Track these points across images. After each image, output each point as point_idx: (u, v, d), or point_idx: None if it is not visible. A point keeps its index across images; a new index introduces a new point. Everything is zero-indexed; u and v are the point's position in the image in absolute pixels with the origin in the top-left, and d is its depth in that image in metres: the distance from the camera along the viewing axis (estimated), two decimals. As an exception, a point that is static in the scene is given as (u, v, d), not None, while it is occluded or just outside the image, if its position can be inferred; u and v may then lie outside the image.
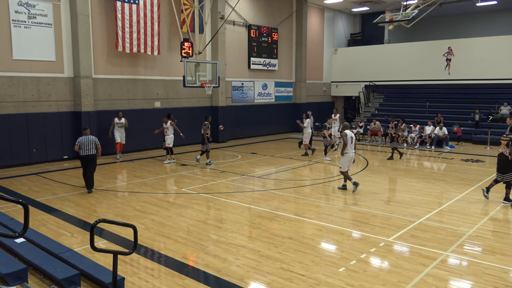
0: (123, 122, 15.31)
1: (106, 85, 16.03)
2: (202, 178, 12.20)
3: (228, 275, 5.74)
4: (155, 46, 16.73)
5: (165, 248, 6.78)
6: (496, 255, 6.41)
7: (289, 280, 5.57)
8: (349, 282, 5.50)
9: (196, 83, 14.91)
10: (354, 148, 10.33)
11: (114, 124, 15.25)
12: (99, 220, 3.99)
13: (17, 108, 13.83)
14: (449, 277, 5.68)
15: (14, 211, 8.59)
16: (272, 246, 6.79)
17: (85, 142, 10.15)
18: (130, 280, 5.56)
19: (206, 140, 13.77)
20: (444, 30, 27.54)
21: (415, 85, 25.10)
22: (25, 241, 6.31)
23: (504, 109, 20.22)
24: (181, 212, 8.82)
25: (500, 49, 22.21)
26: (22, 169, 13.43)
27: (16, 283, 5.01)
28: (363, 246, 6.79)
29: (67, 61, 14.87)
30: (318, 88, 27.32)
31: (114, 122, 15.24)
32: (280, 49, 23.58)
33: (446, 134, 18.08)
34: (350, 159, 10.32)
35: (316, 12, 26.27)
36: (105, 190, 10.76)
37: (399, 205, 9.26)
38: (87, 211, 8.90)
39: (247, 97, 22.21)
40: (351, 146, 10.22)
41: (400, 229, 7.60)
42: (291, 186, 11.20)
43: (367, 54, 26.79)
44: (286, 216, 8.48)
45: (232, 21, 20.66)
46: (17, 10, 13.45)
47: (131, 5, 15.80)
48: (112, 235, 7.30)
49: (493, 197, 9.91)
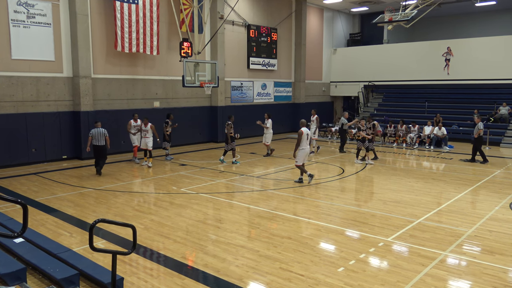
0: (139, 125, 14.26)
1: (105, 85, 16.02)
2: (201, 178, 12.20)
3: (227, 275, 5.74)
4: (154, 46, 16.72)
5: (164, 248, 6.77)
6: (495, 255, 6.41)
7: (288, 280, 5.57)
8: (348, 282, 5.50)
9: (195, 83, 14.91)
10: (309, 144, 11.33)
11: (131, 127, 14.36)
12: (98, 220, 3.99)
13: (16, 108, 13.81)
14: (448, 277, 5.68)
15: (13, 211, 8.58)
16: (271, 246, 6.79)
17: (96, 133, 12.10)
18: (129, 280, 5.55)
19: (229, 140, 14.08)
20: (443, 30, 27.57)
21: (414, 85, 25.12)
22: (24, 241, 6.31)
23: (503, 109, 20.25)
24: (180, 212, 8.82)
25: (499, 49, 22.24)
26: (21, 169, 13.42)
27: (15, 283, 5.01)
28: (362, 246, 6.80)
29: (66, 61, 14.86)
30: (317, 88, 27.33)
31: (131, 125, 14.38)
32: (279, 49, 23.58)
33: (445, 134, 18.10)
34: (305, 154, 11.22)
35: (315, 12, 26.28)
36: (104, 190, 10.76)
37: (398, 205, 9.27)
38: (86, 211, 8.89)
39: (246, 97, 22.22)
40: (306, 142, 11.10)
41: (399, 229, 7.60)
42: (290, 186, 11.20)
43: (366, 54, 26.81)
44: (285, 216, 8.48)
45: (231, 21, 20.65)
46: (16, 10, 13.44)
47: (130, 5, 15.79)
48: (111, 235, 7.30)
49: (492, 197, 9.92)
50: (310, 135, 11.27)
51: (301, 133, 10.94)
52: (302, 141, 10.97)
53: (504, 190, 10.56)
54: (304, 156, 11.19)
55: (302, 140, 10.95)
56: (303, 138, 10.96)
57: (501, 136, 19.13)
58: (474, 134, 14.54)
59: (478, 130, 14.41)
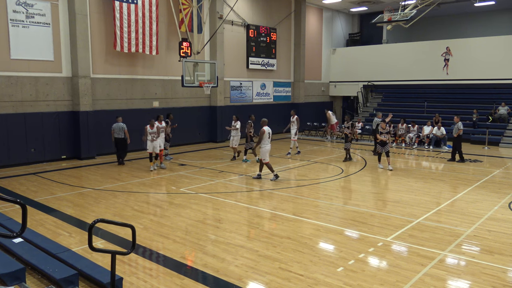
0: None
1: (104, 85, 16.01)
2: (200, 178, 12.19)
3: (226, 275, 5.74)
4: (153, 46, 16.71)
5: (163, 248, 6.77)
6: (494, 254, 6.42)
7: (287, 280, 5.57)
8: (347, 282, 5.50)
9: (195, 83, 14.90)
10: (270, 142, 11.84)
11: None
12: (97, 220, 3.98)
13: (15, 108, 13.79)
14: (447, 276, 5.69)
15: (12, 211, 8.57)
16: (270, 246, 6.79)
17: (116, 128, 13.80)
18: (128, 280, 5.55)
19: (249, 138, 14.37)
20: (442, 30, 27.59)
21: (413, 85, 25.14)
22: (23, 241, 6.31)
23: (502, 109, 20.26)
24: (179, 212, 8.82)
25: (498, 49, 22.26)
26: (20, 169, 13.41)
27: (14, 283, 5.00)
28: (361, 246, 6.80)
29: (65, 60, 14.84)
30: (316, 88, 27.34)
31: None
32: (278, 49, 23.58)
33: (444, 134, 18.11)
34: (267, 151, 11.73)
35: (314, 12, 26.29)
36: (103, 190, 10.75)
37: (397, 205, 9.27)
38: (85, 211, 8.88)
39: (246, 97, 22.22)
40: (268, 140, 11.65)
41: (398, 229, 7.61)
42: (289, 186, 11.20)
43: (366, 54, 26.82)
44: (284, 216, 8.48)
45: (230, 21, 20.65)
46: (15, 10, 13.42)
47: (129, 5, 15.78)
48: (110, 235, 7.30)
49: (491, 197, 9.94)
50: (271, 133, 11.87)
51: (263, 132, 11.53)
52: (264, 139, 11.54)
53: (503, 190, 10.57)
54: (266, 153, 11.74)
55: (264, 139, 11.53)
56: (265, 136, 11.53)
57: (500, 136, 19.14)
58: (454, 133, 14.77)
59: (458, 130, 14.59)
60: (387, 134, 13.25)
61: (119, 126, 13.80)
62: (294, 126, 16.15)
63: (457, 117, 15.02)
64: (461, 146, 14.92)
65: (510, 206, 9.14)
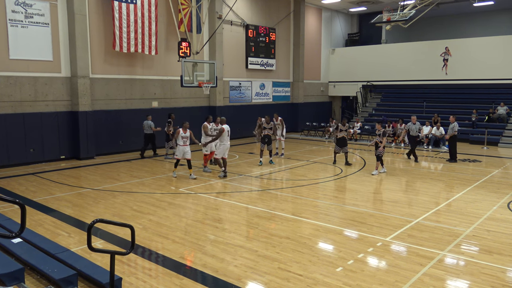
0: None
1: (104, 85, 16.00)
2: (200, 178, 12.19)
3: (225, 275, 5.74)
4: (152, 46, 16.70)
5: (162, 248, 6.77)
6: (493, 254, 6.43)
7: (287, 280, 5.57)
8: (347, 282, 5.50)
9: (194, 83, 14.90)
10: (229, 140, 12.23)
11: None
12: (96, 220, 3.98)
13: (14, 108, 13.78)
14: (446, 276, 5.69)
15: (11, 211, 8.56)
16: (269, 246, 6.79)
17: (146, 125, 15.34)
18: (127, 280, 5.54)
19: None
20: (441, 30, 27.61)
21: (412, 85, 25.16)
22: (22, 241, 6.30)
23: (501, 109, 20.29)
24: (178, 212, 8.81)
25: (497, 49, 22.30)
26: (19, 169, 13.39)
27: (13, 284, 4.99)
28: (360, 246, 6.80)
29: (64, 60, 14.83)
30: (315, 88, 27.34)
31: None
32: (277, 49, 23.59)
33: (443, 134, 18.11)
34: (226, 149, 12.12)
35: (313, 12, 26.29)
36: (102, 190, 10.74)
37: (396, 205, 9.28)
38: (84, 211, 8.87)
39: (245, 97, 22.22)
40: (227, 138, 12.08)
41: (397, 229, 7.61)
42: (289, 186, 11.20)
43: (365, 54, 26.84)
44: (283, 216, 8.48)
45: (229, 21, 20.65)
46: (14, 10, 13.41)
47: (128, 5, 15.77)
48: (110, 235, 7.29)
49: (490, 197, 9.94)
50: (229, 132, 12.28)
51: (222, 130, 11.93)
52: (223, 137, 11.99)
53: (502, 190, 10.58)
54: (225, 151, 12.10)
55: (223, 136, 11.96)
56: (224, 134, 11.97)
57: (499, 136, 19.17)
58: (448, 134, 14.80)
59: (453, 132, 14.56)
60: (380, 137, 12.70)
61: (148, 123, 15.32)
62: (279, 128, 15.64)
63: (453, 117, 14.94)
64: (455, 146, 14.90)
65: (509, 206, 9.15)
